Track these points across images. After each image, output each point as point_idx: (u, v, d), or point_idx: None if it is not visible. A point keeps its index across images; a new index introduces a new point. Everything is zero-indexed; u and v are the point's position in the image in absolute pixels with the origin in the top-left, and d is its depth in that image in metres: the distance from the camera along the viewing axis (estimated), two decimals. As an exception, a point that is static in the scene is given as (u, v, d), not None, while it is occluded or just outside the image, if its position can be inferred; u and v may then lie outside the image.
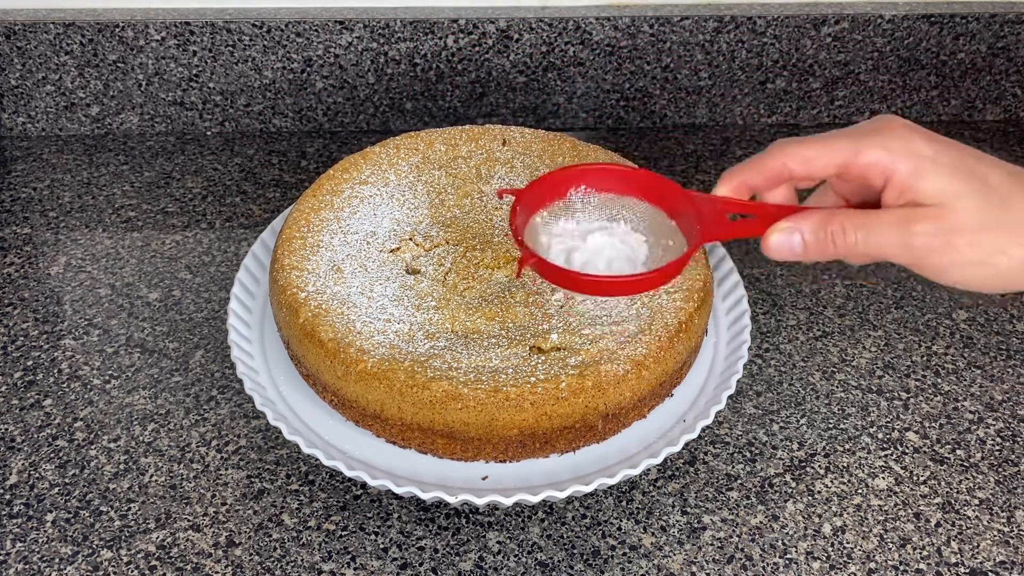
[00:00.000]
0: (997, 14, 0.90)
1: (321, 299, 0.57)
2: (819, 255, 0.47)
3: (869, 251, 0.46)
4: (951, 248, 0.44)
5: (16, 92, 0.87)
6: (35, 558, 0.54)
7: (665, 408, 0.59)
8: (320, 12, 0.87)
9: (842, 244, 0.46)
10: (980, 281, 0.45)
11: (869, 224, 0.45)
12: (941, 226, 0.44)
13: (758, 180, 0.47)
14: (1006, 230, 0.44)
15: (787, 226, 0.47)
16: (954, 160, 0.44)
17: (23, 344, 0.68)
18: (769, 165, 0.47)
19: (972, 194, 0.44)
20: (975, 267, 0.44)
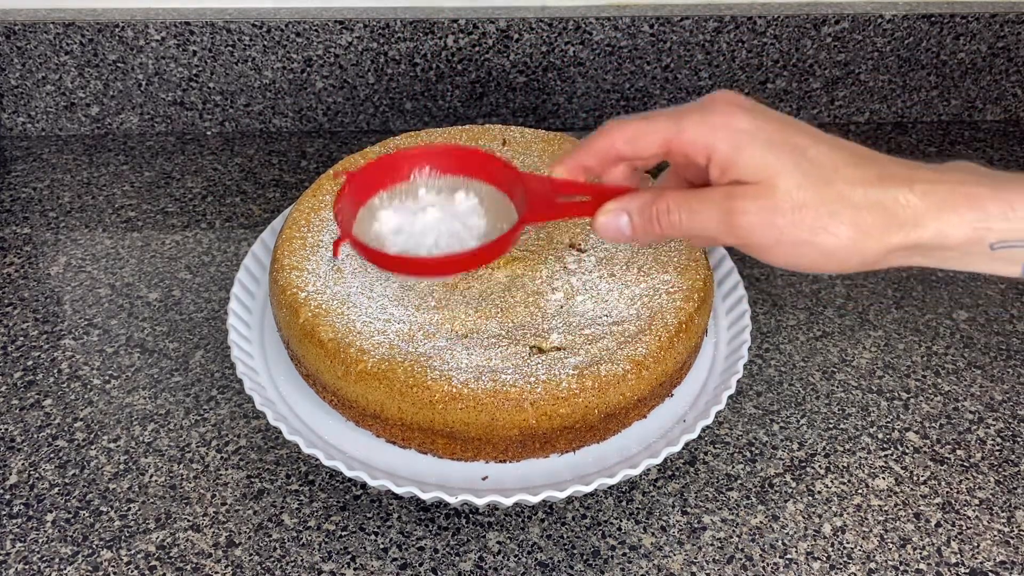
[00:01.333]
0: (997, 14, 0.90)
1: (321, 299, 0.57)
2: (646, 236, 0.46)
3: (694, 231, 0.44)
4: (773, 227, 0.42)
5: (16, 92, 0.87)
6: (35, 558, 0.54)
7: (665, 408, 0.59)
8: (320, 12, 0.87)
9: (667, 224, 0.45)
10: (808, 262, 0.43)
11: (692, 203, 0.44)
12: (761, 204, 0.42)
13: (591, 161, 0.46)
14: (828, 207, 0.42)
15: (615, 207, 0.46)
16: (773, 134, 0.43)
17: (23, 344, 0.68)
18: (598, 145, 0.46)
19: (792, 170, 0.42)
20: (800, 246, 0.43)
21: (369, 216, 0.48)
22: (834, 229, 0.42)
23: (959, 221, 0.42)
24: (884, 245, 0.42)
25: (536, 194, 0.46)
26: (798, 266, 0.44)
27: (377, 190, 0.49)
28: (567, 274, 0.61)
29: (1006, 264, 0.43)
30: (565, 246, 0.63)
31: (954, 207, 0.42)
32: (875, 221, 0.42)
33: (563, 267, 0.61)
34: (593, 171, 0.47)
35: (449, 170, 0.49)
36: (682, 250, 0.61)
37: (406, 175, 0.49)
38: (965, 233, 0.42)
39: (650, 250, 0.62)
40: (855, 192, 0.42)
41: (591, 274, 0.61)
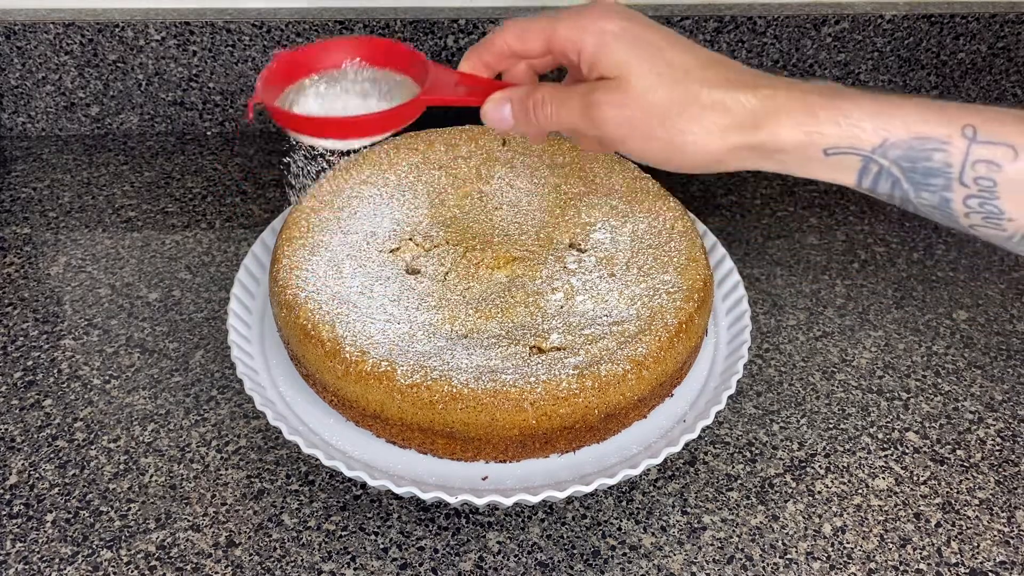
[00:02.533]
0: (997, 14, 0.90)
1: (321, 299, 0.57)
2: (525, 125, 0.49)
3: (562, 122, 0.48)
4: (627, 120, 0.45)
5: (16, 92, 0.87)
6: (35, 558, 0.54)
7: (665, 408, 0.59)
8: (320, 12, 0.87)
9: (541, 115, 0.48)
10: (658, 156, 0.46)
11: (560, 96, 0.47)
12: (617, 98, 0.45)
13: (489, 57, 0.50)
14: (676, 104, 0.45)
15: (500, 96, 0.49)
16: (637, 35, 0.46)
17: (23, 344, 0.68)
18: (495, 40, 0.50)
19: (647, 68, 0.45)
20: (649, 140, 0.46)
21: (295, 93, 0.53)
22: (680, 125, 0.45)
23: (792, 124, 0.44)
24: (725, 143, 0.45)
25: (440, 80, 0.51)
26: (649, 159, 0.47)
27: (308, 74, 0.53)
28: (567, 274, 0.61)
29: (842, 172, 0.45)
30: (565, 246, 0.63)
31: (788, 111, 0.44)
32: (717, 120, 0.45)
33: (563, 267, 0.61)
34: (493, 67, 0.51)
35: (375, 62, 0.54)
36: (682, 250, 0.61)
37: (338, 64, 0.54)
38: (798, 137, 0.44)
39: (650, 250, 0.62)
40: (702, 92, 0.45)
41: (591, 274, 0.61)
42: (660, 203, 0.65)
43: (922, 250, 0.80)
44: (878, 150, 0.44)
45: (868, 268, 0.77)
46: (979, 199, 0.43)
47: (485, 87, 0.51)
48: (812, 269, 0.77)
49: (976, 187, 0.43)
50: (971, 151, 0.42)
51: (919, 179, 0.44)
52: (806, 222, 0.82)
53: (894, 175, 0.44)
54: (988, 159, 0.42)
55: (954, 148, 0.43)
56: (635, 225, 0.64)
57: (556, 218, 0.65)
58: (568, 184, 0.67)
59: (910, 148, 0.43)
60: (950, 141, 0.43)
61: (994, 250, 0.80)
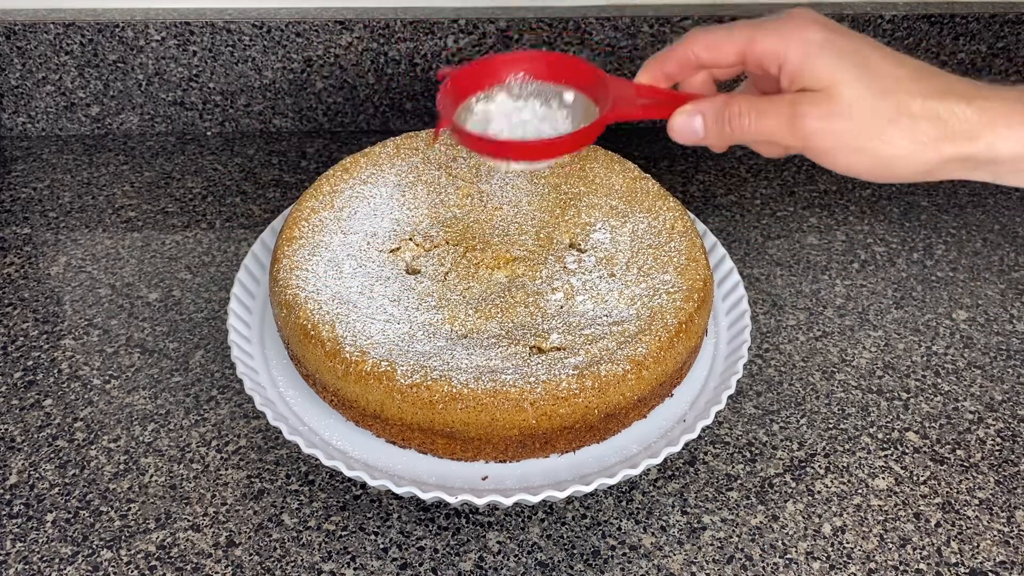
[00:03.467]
0: (997, 14, 0.90)
1: (321, 299, 0.57)
2: (718, 138, 0.48)
3: (761, 133, 0.47)
4: (834, 132, 0.45)
5: (16, 92, 0.87)
6: (35, 558, 0.54)
7: (665, 408, 0.59)
8: (320, 12, 0.87)
9: (737, 127, 0.47)
10: (865, 168, 0.46)
11: (761, 107, 0.46)
12: (825, 110, 0.45)
13: (672, 67, 0.50)
14: (886, 117, 0.44)
15: (690, 108, 0.48)
16: (843, 47, 0.45)
17: (23, 344, 0.68)
18: (680, 52, 0.49)
19: (856, 80, 0.44)
20: (857, 152, 0.45)
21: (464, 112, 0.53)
22: (890, 137, 0.44)
23: (1010, 135, 0.44)
24: (938, 155, 0.44)
25: (619, 96, 0.50)
26: (855, 171, 0.46)
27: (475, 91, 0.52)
28: (567, 274, 0.61)
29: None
30: (565, 246, 0.63)
31: (1007, 123, 0.44)
32: (930, 132, 0.44)
33: (563, 267, 0.61)
34: (674, 77, 0.50)
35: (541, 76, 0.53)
36: (682, 250, 0.61)
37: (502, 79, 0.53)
38: (1015, 148, 0.44)
39: (650, 250, 0.62)
40: (914, 103, 0.44)
41: (591, 274, 0.61)
42: (660, 203, 0.65)
43: (922, 250, 0.80)
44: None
45: (868, 268, 0.77)
46: None
47: (668, 99, 0.49)
48: (812, 269, 0.77)
49: None
50: None
51: None
52: (806, 222, 0.82)
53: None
54: None
55: None
56: (635, 225, 0.64)
57: (556, 218, 0.65)
58: (568, 184, 0.67)
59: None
60: None
61: (994, 250, 0.80)
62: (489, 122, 0.52)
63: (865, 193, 0.86)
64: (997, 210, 0.84)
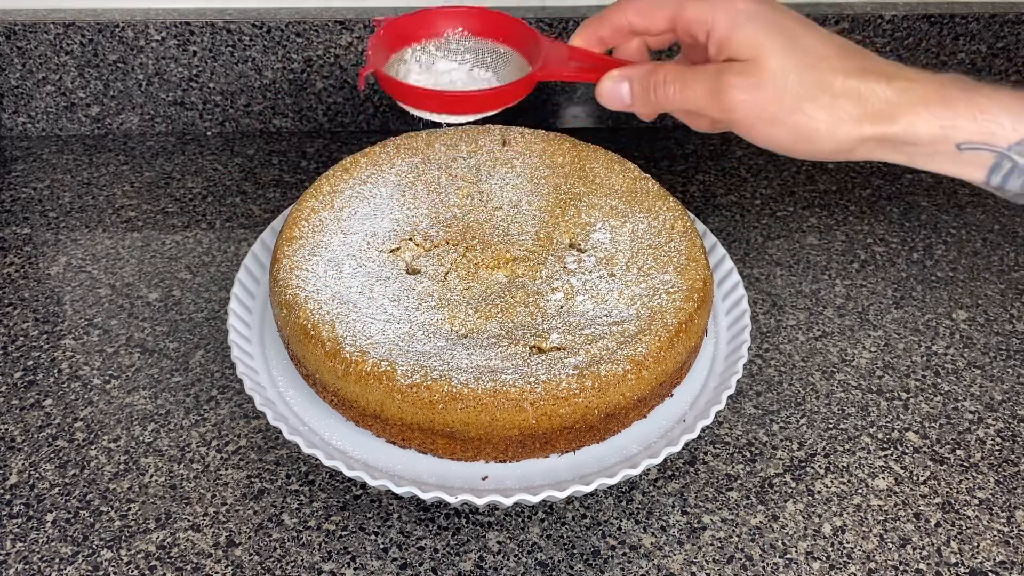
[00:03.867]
0: (997, 14, 0.90)
1: (321, 299, 0.57)
2: (644, 105, 0.48)
3: (686, 103, 0.47)
4: (756, 104, 0.44)
5: (16, 92, 0.87)
6: (35, 558, 0.54)
7: (665, 408, 0.59)
8: (320, 12, 0.87)
9: (663, 95, 0.47)
10: (785, 142, 0.46)
11: (686, 76, 0.46)
12: (749, 81, 0.44)
13: (606, 32, 0.49)
14: (808, 91, 0.44)
15: (618, 74, 0.48)
16: (771, 19, 0.45)
17: (23, 344, 0.68)
18: (614, 16, 0.49)
19: (781, 51, 0.44)
20: (777, 125, 0.45)
21: (397, 62, 0.53)
22: (811, 112, 0.44)
23: (929, 117, 0.44)
24: (857, 133, 0.44)
25: (552, 55, 0.50)
26: (775, 144, 0.46)
27: (411, 42, 0.53)
28: (567, 274, 0.61)
29: (972, 167, 0.45)
30: (565, 246, 0.63)
31: (926, 104, 0.44)
32: (850, 109, 0.44)
33: (563, 267, 0.61)
34: (607, 42, 0.50)
35: (478, 32, 0.53)
36: (682, 250, 0.61)
37: (439, 32, 0.53)
38: (932, 130, 0.44)
39: (650, 250, 0.62)
40: (836, 80, 0.44)
41: (591, 274, 0.61)
42: (660, 203, 0.65)
43: (922, 250, 0.80)
44: (1015, 147, 0.43)
45: (868, 268, 0.77)
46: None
47: (599, 63, 0.50)
48: (812, 269, 0.77)
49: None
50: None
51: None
52: (806, 222, 0.82)
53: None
54: None
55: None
56: (635, 225, 0.64)
57: (556, 218, 0.65)
58: (568, 184, 0.67)
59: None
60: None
61: (994, 250, 0.80)
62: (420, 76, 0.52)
63: (865, 193, 0.86)
64: (997, 210, 0.84)
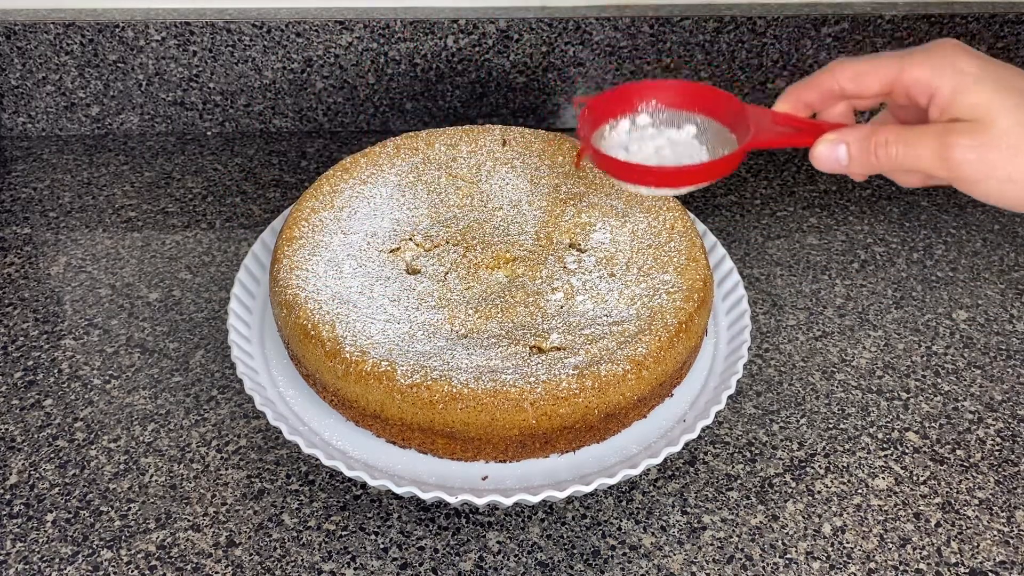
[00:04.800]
0: (997, 14, 0.90)
1: (321, 299, 0.57)
2: (862, 166, 0.48)
3: (908, 163, 0.47)
4: (985, 163, 0.45)
5: (16, 92, 0.87)
6: (35, 558, 0.54)
7: (665, 408, 0.59)
8: (320, 12, 0.87)
9: (884, 156, 0.47)
10: (1018, 198, 0.46)
11: (909, 137, 0.46)
12: (977, 140, 0.44)
13: (814, 97, 0.50)
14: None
15: (834, 137, 0.48)
16: (997, 78, 0.45)
17: (23, 344, 0.68)
18: (823, 81, 0.49)
19: (1011, 111, 0.44)
20: (1009, 184, 0.45)
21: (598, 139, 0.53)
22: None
23: None
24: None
25: (760, 124, 0.50)
26: (1007, 202, 0.46)
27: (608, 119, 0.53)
28: (567, 274, 0.61)
29: None
30: (565, 246, 0.63)
31: None
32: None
33: (563, 267, 0.61)
34: (813, 107, 0.50)
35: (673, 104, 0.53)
36: (682, 250, 0.61)
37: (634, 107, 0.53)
38: None
39: (650, 250, 0.62)
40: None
41: (591, 274, 0.61)
42: (660, 203, 0.65)
43: (922, 250, 0.80)
44: None
45: (868, 268, 0.77)
46: None
47: (807, 128, 0.49)
48: (812, 269, 0.77)
49: None
50: None
51: None
52: (806, 222, 0.82)
53: None
54: None
55: None
56: (635, 225, 0.64)
57: (556, 218, 0.65)
58: (568, 184, 0.67)
59: None
60: None
61: (994, 250, 0.80)
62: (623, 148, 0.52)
63: (865, 193, 0.86)
64: (997, 210, 0.84)
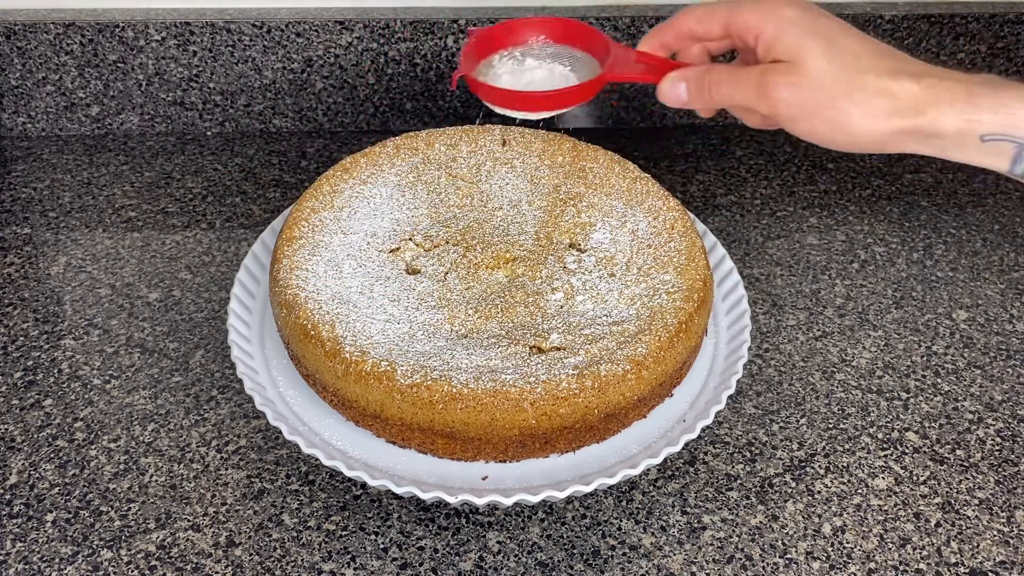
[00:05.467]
0: (997, 14, 0.90)
1: (321, 299, 0.57)
2: (700, 102, 0.53)
3: (736, 100, 0.52)
4: (798, 100, 0.49)
5: (16, 92, 0.87)
6: (35, 558, 0.54)
7: (665, 408, 0.59)
8: (320, 12, 0.87)
9: (716, 94, 0.52)
10: (824, 135, 0.50)
11: (736, 76, 0.51)
12: (790, 80, 0.49)
13: (669, 38, 0.55)
14: (844, 88, 0.48)
15: (676, 75, 0.54)
16: (813, 22, 0.50)
17: (23, 344, 0.68)
18: (676, 23, 0.55)
19: (820, 53, 0.49)
20: (817, 120, 0.49)
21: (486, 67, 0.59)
22: (846, 107, 0.49)
23: (953, 112, 0.48)
24: (888, 127, 0.49)
25: (620, 58, 0.56)
26: (815, 137, 0.51)
27: (498, 49, 0.59)
28: (567, 274, 0.61)
29: (996, 157, 0.48)
30: (565, 246, 0.63)
31: (951, 101, 0.48)
32: (882, 105, 0.48)
33: (563, 267, 0.61)
34: (671, 47, 0.56)
35: (557, 39, 0.60)
36: (682, 250, 0.61)
37: (524, 40, 0.60)
38: (957, 124, 0.48)
39: (650, 250, 0.62)
40: (869, 78, 0.49)
41: (591, 274, 0.61)
42: (660, 203, 0.65)
43: (922, 250, 0.80)
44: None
45: (868, 268, 0.77)
46: None
47: (662, 66, 0.55)
48: (812, 269, 0.77)
49: None
50: None
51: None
52: (806, 222, 0.82)
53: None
54: None
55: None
56: (635, 225, 0.64)
57: (556, 218, 0.65)
58: (568, 184, 0.67)
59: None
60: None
61: (994, 250, 0.80)
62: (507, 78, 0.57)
63: (865, 193, 0.86)
64: (997, 210, 0.84)
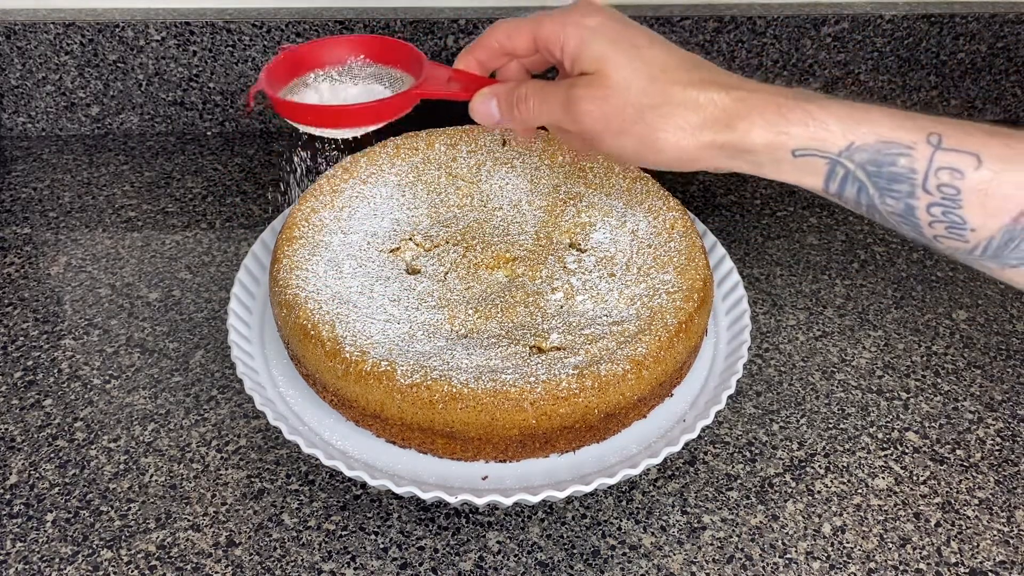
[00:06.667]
0: (997, 14, 0.90)
1: (321, 299, 0.57)
2: (511, 120, 0.51)
3: (545, 118, 0.49)
4: (603, 115, 0.46)
5: (16, 92, 0.87)
6: (35, 558, 0.54)
7: (665, 408, 0.59)
8: (320, 12, 0.87)
9: (525, 110, 0.49)
10: (631, 151, 0.47)
11: (543, 92, 0.49)
12: (595, 93, 0.46)
13: (482, 55, 0.53)
14: (650, 101, 0.45)
15: (487, 92, 0.51)
16: (617, 32, 0.47)
17: (23, 344, 0.68)
18: (486, 39, 0.52)
19: (625, 63, 0.46)
20: (625, 136, 0.46)
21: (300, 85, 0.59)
22: (652, 121, 0.46)
23: (762, 124, 0.45)
24: (697, 141, 0.46)
25: (433, 76, 0.55)
26: (623, 155, 0.48)
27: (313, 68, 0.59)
28: (567, 274, 0.61)
29: (810, 174, 0.46)
30: (565, 246, 0.63)
31: (760, 112, 0.45)
32: (689, 118, 0.45)
33: (563, 267, 0.61)
34: (486, 64, 0.53)
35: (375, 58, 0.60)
36: (682, 250, 0.61)
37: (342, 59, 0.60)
38: (767, 137, 0.45)
39: (650, 250, 0.62)
40: (675, 90, 0.45)
41: (591, 274, 0.61)
42: (660, 203, 0.65)
43: (922, 250, 0.80)
44: (844, 153, 0.44)
45: (868, 268, 0.77)
46: (943, 207, 0.43)
47: (476, 83, 0.53)
48: (812, 269, 0.77)
49: (940, 195, 0.43)
50: (935, 158, 0.43)
51: (884, 184, 0.44)
52: (806, 222, 0.82)
53: (860, 179, 0.44)
54: (952, 166, 0.42)
55: (919, 154, 0.43)
56: (635, 225, 0.64)
57: (556, 218, 0.65)
58: (568, 184, 0.67)
59: (876, 152, 0.43)
60: (915, 147, 0.43)
61: (994, 250, 0.80)
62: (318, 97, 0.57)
63: (865, 193, 0.86)
64: (997, 210, 0.84)
